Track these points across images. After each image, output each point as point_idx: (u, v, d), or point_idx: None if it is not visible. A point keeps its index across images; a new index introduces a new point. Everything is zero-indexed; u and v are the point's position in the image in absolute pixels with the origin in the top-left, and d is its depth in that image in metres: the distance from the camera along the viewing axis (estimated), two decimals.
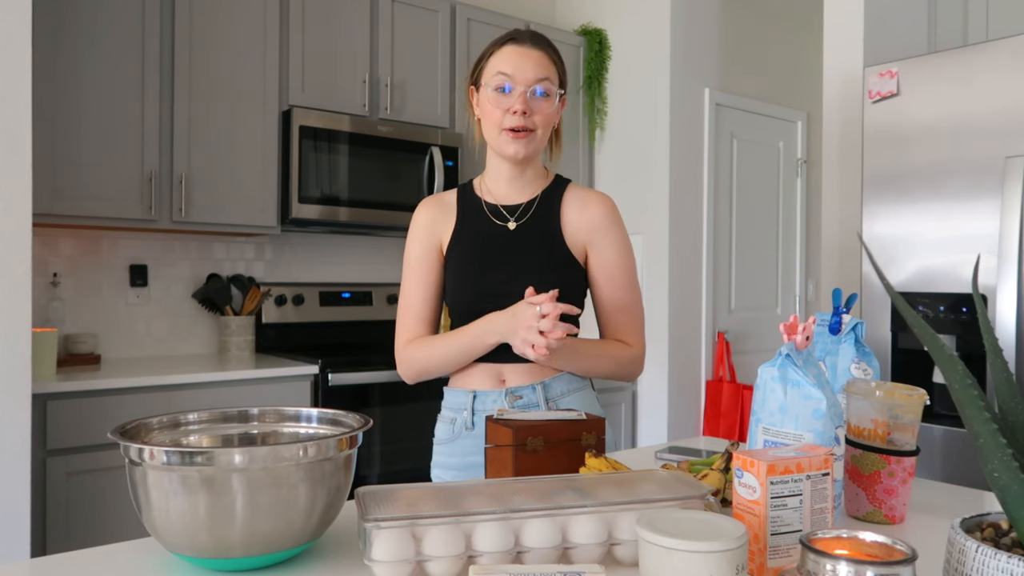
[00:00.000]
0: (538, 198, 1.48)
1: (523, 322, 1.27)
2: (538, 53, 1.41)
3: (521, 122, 1.38)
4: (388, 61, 3.23)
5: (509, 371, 1.43)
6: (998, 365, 0.66)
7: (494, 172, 1.49)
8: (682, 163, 3.71)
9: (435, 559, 0.79)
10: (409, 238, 1.51)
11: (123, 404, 2.41)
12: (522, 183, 1.48)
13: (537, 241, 1.44)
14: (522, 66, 1.38)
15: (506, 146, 1.41)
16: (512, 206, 1.48)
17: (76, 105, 2.58)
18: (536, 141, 1.41)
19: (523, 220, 1.46)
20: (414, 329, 1.48)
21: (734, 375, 3.85)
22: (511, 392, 1.42)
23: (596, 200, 1.48)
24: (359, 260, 3.56)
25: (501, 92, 1.39)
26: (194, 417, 1.01)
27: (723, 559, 0.67)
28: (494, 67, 1.41)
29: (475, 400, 1.44)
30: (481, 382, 1.44)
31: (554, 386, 1.43)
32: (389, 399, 2.93)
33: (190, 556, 0.84)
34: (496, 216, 1.47)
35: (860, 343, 1.20)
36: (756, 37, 4.14)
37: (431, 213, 1.50)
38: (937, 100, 2.16)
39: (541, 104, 1.40)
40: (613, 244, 1.46)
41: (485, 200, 1.49)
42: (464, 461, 1.45)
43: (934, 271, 2.16)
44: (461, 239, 1.47)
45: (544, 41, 1.43)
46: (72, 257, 2.88)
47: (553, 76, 1.41)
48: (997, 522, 0.68)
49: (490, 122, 1.42)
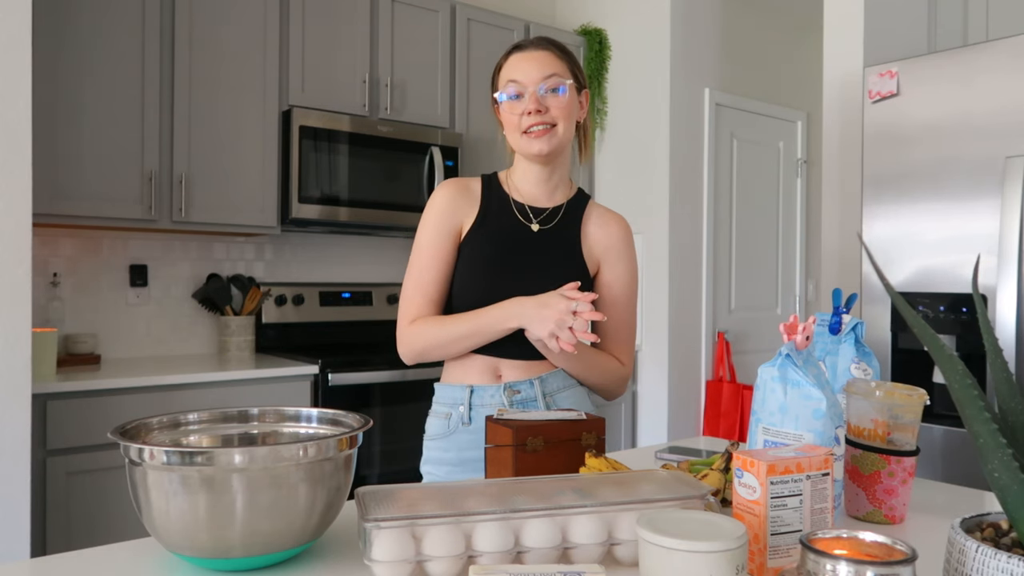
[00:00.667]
0: (564, 206, 1.51)
1: (556, 313, 1.28)
2: (542, 53, 1.43)
3: (537, 120, 1.40)
4: (388, 61, 3.23)
5: (506, 366, 1.44)
6: (998, 365, 0.66)
7: (522, 172, 1.50)
8: (682, 163, 3.71)
9: (435, 559, 0.79)
10: (426, 216, 1.48)
11: (123, 404, 2.41)
12: (550, 186, 1.50)
13: (558, 247, 1.47)
14: (528, 69, 1.42)
15: (529, 146, 1.43)
16: (539, 208, 1.50)
17: (76, 105, 2.58)
18: (559, 135, 1.43)
19: (548, 225, 1.48)
20: (422, 308, 1.45)
21: (734, 375, 3.85)
22: (509, 387, 1.43)
23: (616, 221, 1.53)
24: (359, 260, 3.56)
25: (514, 99, 1.43)
26: (194, 417, 1.01)
27: (723, 559, 0.67)
28: (505, 76, 1.45)
29: (472, 395, 1.44)
30: (478, 377, 1.44)
31: (551, 381, 1.45)
32: (389, 399, 2.93)
33: (190, 556, 0.84)
34: (522, 215, 1.49)
35: (860, 343, 1.20)
36: (756, 37, 4.14)
37: (454, 195, 1.48)
38: (937, 100, 2.16)
39: (554, 99, 1.42)
40: (625, 266, 1.51)
41: (513, 197, 1.50)
42: (460, 456, 1.44)
43: (934, 271, 2.16)
44: (483, 229, 1.47)
45: (548, 42, 1.46)
46: (72, 257, 2.88)
47: (562, 71, 1.43)
48: (997, 522, 0.68)
49: (511, 128, 1.45)
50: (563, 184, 1.52)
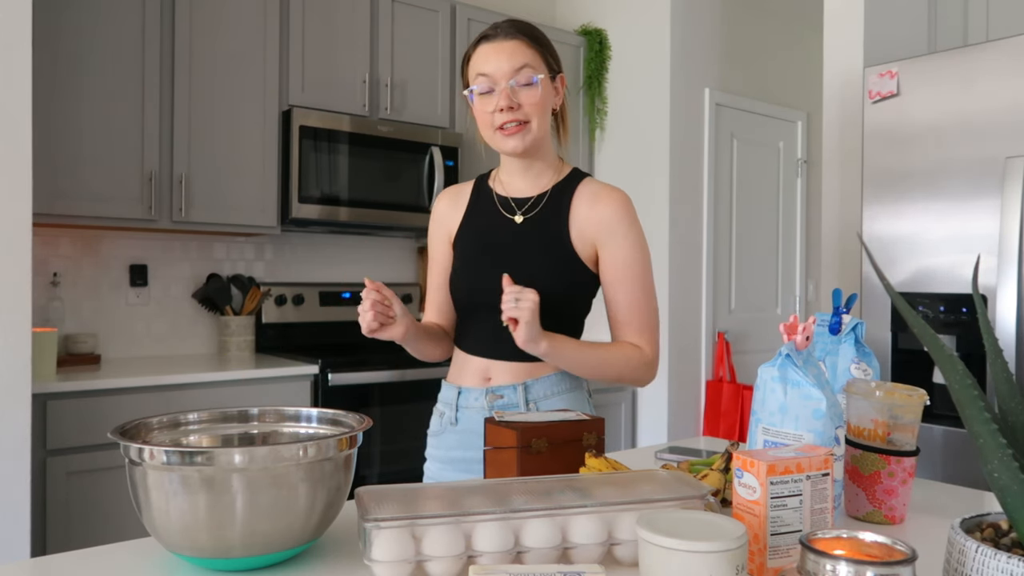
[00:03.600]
0: (549, 192, 1.44)
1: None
2: (512, 43, 1.36)
3: (509, 117, 1.35)
4: (388, 61, 3.23)
5: (496, 369, 1.42)
6: (998, 365, 0.66)
7: (505, 165, 1.48)
8: (682, 163, 3.71)
9: (435, 559, 0.79)
10: (429, 228, 1.59)
11: (123, 404, 2.41)
12: (532, 175, 1.45)
13: (540, 236, 1.41)
14: (497, 62, 1.35)
15: (502, 144, 1.39)
16: (522, 199, 1.46)
17: (76, 105, 2.58)
18: (533, 131, 1.38)
19: (531, 214, 1.44)
20: (430, 316, 1.58)
21: (734, 375, 3.85)
22: (491, 391, 1.41)
23: (608, 196, 1.42)
24: (359, 260, 3.56)
25: (485, 94, 1.37)
26: (194, 417, 1.01)
27: (723, 559, 0.67)
28: (473, 69, 1.39)
29: (460, 396, 1.45)
30: (470, 378, 1.45)
31: (536, 387, 1.40)
32: (389, 399, 2.93)
33: (190, 556, 0.84)
34: (505, 208, 1.46)
35: (860, 343, 1.20)
36: (756, 37, 4.14)
37: (444, 204, 1.55)
38: (937, 100, 2.16)
39: (527, 93, 1.36)
40: (624, 242, 1.40)
41: (496, 192, 1.49)
42: (448, 455, 1.46)
43: (934, 271, 2.16)
44: (467, 229, 1.49)
45: (518, 28, 1.38)
46: (72, 257, 2.88)
47: (534, 61, 1.37)
48: (997, 522, 0.68)
49: (484, 125, 1.40)
50: (549, 170, 1.46)
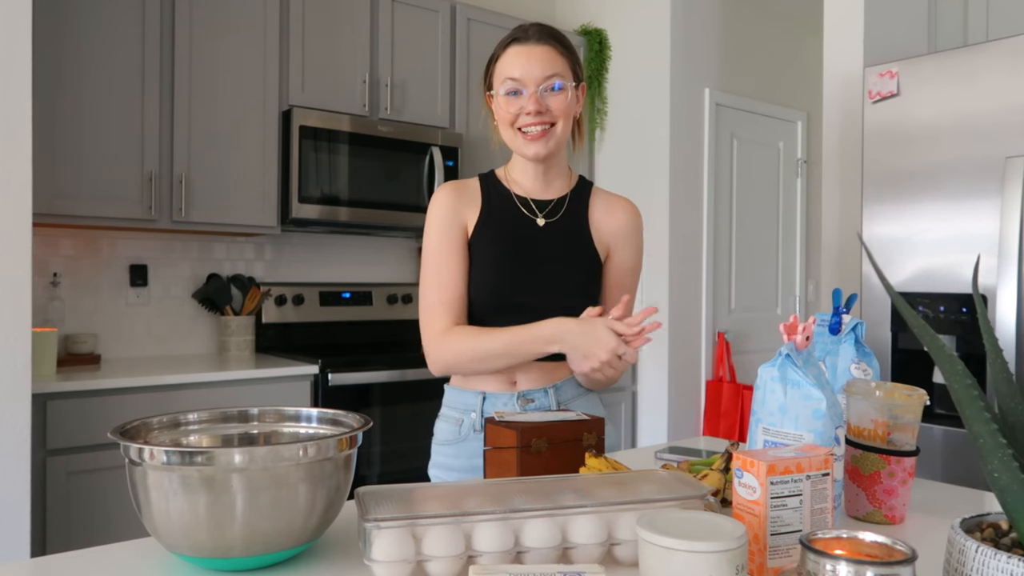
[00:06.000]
0: (568, 197, 1.47)
1: (605, 346, 1.22)
2: (543, 48, 1.37)
3: (536, 120, 1.36)
4: (388, 61, 3.23)
5: (522, 372, 1.41)
6: (998, 365, 0.66)
7: (520, 167, 1.47)
8: (682, 163, 3.71)
9: (435, 559, 0.79)
10: (429, 223, 1.43)
11: (123, 404, 2.41)
12: (549, 179, 1.47)
13: (568, 240, 1.44)
14: (529, 66, 1.35)
15: (525, 148, 1.39)
16: (542, 201, 1.46)
17: (76, 105, 2.58)
18: (556, 136, 1.39)
19: (553, 218, 1.45)
20: (446, 316, 1.39)
21: (734, 375, 3.85)
22: (523, 395, 1.41)
23: (623, 206, 1.49)
24: (359, 260, 3.56)
25: (512, 96, 1.37)
26: (194, 417, 1.01)
27: (723, 559, 0.67)
28: (502, 72, 1.38)
29: (485, 402, 1.41)
30: (493, 383, 1.41)
31: (566, 389, 1.43)
32: (389, 399, 2.93)
33: (190, 556, 0.84)
34: (526, 209, 1.45)
35: (860, 343, 1.20)
36: (756, 37, 4.14)
37: (453, 196, 1.44)
38: (937, 100, 2.16)
39: (555, 99, 1.37)
40: (632, 252, 1.49)
41: (514, 192, 1.46)
42: (471, 463, 1.41)
43: (934, 271, 2.16)
44: (488, 226, 1.43)
45: (550, 34, 1.39)
46: (72, 257, 2.88)
47: (563, 70, 1.38)
48: (997, 522, 0.68)
49: (506, 125, 1.40)
50: (562, 175, 1.48)
